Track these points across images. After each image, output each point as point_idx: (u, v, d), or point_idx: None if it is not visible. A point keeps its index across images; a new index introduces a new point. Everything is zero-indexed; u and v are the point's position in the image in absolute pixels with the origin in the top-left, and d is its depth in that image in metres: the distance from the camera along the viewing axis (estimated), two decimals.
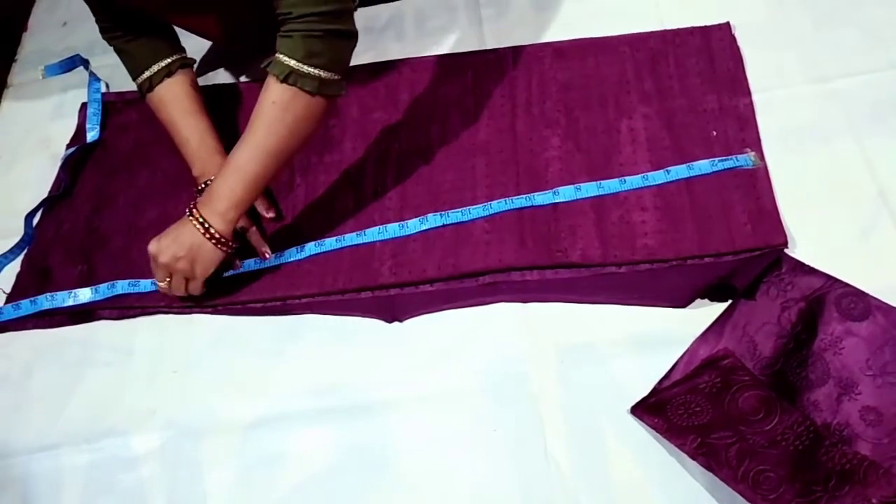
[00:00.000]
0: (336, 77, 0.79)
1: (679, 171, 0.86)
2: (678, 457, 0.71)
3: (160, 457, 0.80)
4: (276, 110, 0.78)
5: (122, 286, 0.90)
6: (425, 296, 0.85)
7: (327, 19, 0.77)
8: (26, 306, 0.92)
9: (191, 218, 0.81)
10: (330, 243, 0.89)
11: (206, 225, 0.80)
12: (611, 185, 0.87)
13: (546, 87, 0.97)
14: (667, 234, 0.82)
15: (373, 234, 0.89)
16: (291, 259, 0.89)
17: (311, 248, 0.89)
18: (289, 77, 0.77)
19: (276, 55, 0.78)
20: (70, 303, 0.91)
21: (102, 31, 0.95)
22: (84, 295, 0.91)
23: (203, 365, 0.86)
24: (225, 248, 0.83)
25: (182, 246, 0.81)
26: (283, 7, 0.77)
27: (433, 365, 0.81)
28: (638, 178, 0.86)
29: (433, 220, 0.88)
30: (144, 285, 0.90)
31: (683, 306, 0.79)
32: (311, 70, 0.77)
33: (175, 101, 0.94)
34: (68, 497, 0.79)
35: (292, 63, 0.77)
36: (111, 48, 0.96)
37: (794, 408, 0.70)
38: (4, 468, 0.82)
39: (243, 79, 1.10)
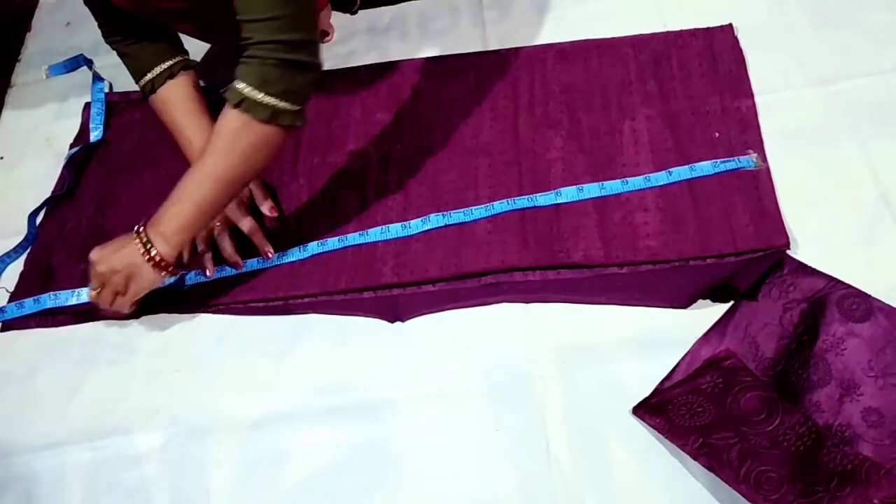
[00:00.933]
0: (292, 108, 0.77)
1: (681, 173, 0.86)
2: (680, 457, 0.71)
3: (163, 455, 0.80)
4: (227, 137, 0.77)
5: None
6: (427, 296, 0.85)
7: (287, 48, 0.74)
8: (30, 305, 0.92)
9: (135, 235, 0.80)
10: (333, 243, 0.90)
11: (149, 246, 0.80)
12: (613, 186, 0.87)
13: (549, 88, 0.97)
14: (669, 235, 0.83)
15: (375, 233, 0.89)
16: (294, 259, 0.90)
17: (313, 247, 0.90)
18: (241, 104, 0.75)
19: (234, 81, 0.76)
20: (73, 301, 0.91)
21: (104, 35, 0.95)
22: (87, 294, 0.91)
23: (206, 364, 0.86)
24: (164, 272, 0.82)
25: (121, 260, 0.81)
26: (246, 32, 0.75)
27: (435, 365, 0.81)
28: (640, 180, 0.87)
29: (436, 220, 0.89)
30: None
31: (685, 307, 0.79)
32: (265, 98, 0.75)
33: (178, 103, 0.94)
34: (71, 495, 0.80)
35: (246, 90, 0.75)
36: None
37: (796, 408, 0.70)
38: (8, 466, 0.82)
39: None
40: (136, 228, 0.81)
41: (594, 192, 0.87)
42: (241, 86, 0.76)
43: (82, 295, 0.91)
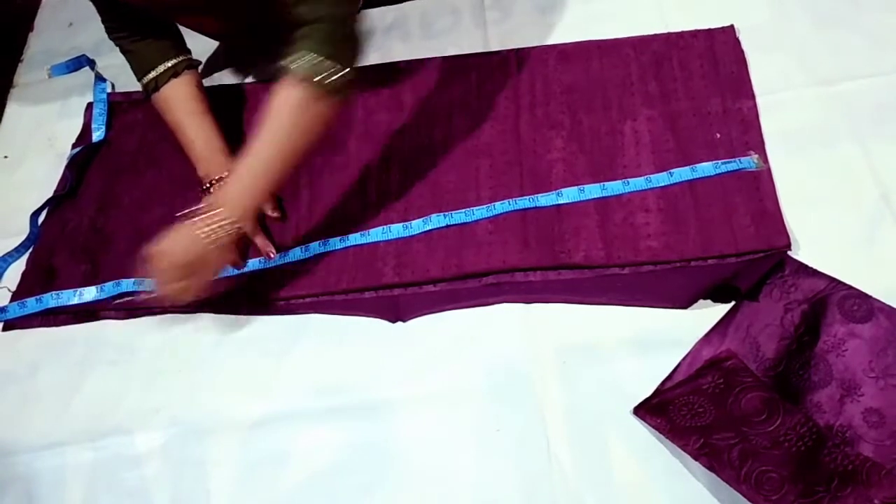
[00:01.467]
0: (351, 77, 0.79)
1: (682, 174, 0.86)
2: (681, 457, 0.71)
3: (164, 455, 0.81)
4: (294, 111, 0.78)
5: (126, 284, 0.91)
6: (429, 296, 0.85)
7: (340, 21, 0.78)
8: (32, 304, 0.92)
9: (209, 213, 0.79)
10: (334, 243, 0.90)
11: (226, 223, 0.79)
12: (614, 187, 0.87)
13: (550, 89, 0.98)
14: (670, 235, 0.83)
15: (377, 234, 0.89)
16: (296, 259, 0.90)
17: (315, 247, 0.90)
18: (306, 78, 0.76)
19: (293, 57, 0.77)
20: (75, 301, 0.91)
21: (108, 32, 0.95)
22: (89, 293, 0.91)
23: (207, 364, 0.86)
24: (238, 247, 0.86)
25: (197, 245, 0.78)
26: (297, 13, 0.77)
27: (436, 365, 0.81)
28: (641, 180, 0.87)
29: (437, 220, 0.89)
30: (150, 284, 0.90)
31: (686, 307, 0.79)
32: (327, 72, 0.77)
33: (181, 102, 0.95)
34: (72, 495, 0.80)
35: (308, 64, 0.76)
36: (117, 48, 0.97)
37: (797, 409, 0.70)
38: (9, 466, 0.82)
39: (249, 80, 1.10)
40: (204, 207, 0.80)
41: (595, 193, 0.87)
42: (302, 61, 0.76)
43: (84, 294, 0.91)
